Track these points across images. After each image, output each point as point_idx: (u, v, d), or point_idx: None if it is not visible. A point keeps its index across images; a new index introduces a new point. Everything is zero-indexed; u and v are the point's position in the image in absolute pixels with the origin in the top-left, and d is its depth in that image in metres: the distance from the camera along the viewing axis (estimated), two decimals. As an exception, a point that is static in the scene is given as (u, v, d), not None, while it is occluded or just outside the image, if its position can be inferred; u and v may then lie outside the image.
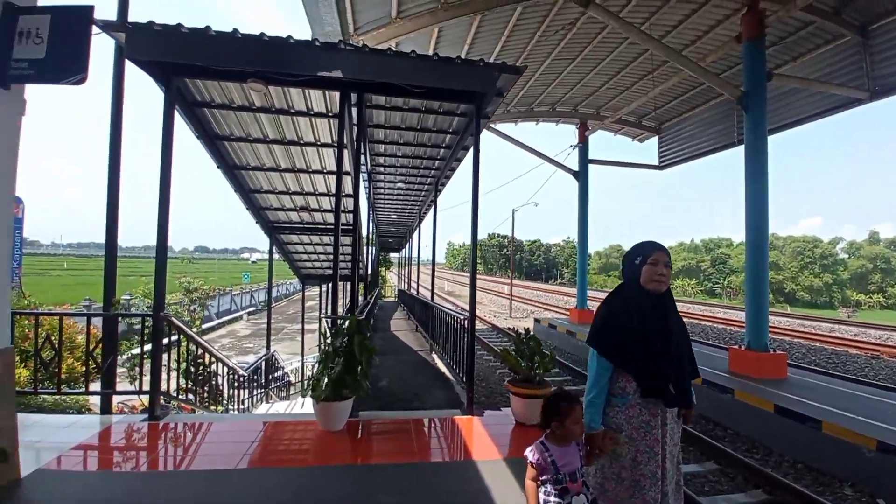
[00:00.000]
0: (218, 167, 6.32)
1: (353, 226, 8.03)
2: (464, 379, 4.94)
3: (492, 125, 15.59)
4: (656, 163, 16.55)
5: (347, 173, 4.91)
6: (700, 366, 8.68)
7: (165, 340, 5.05)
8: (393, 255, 38.33)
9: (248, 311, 31.10)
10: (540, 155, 16.47)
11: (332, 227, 9.25)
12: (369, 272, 15.74)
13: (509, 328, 17.67)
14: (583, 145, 15.81)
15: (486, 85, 4.23)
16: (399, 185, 10.07)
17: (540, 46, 11.10)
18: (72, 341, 5.90)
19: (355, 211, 5.54)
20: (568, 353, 13.17)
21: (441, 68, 4.12)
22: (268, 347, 8.95)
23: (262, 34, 3.89)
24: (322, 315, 7.54)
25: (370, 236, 13.15)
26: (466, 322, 4.98)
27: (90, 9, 2.79)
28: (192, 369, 4.99)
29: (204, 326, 22.27)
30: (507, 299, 26.24)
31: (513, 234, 26.90)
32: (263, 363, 7.86)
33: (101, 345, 4.27)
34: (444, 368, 6.81)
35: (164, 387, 4.73)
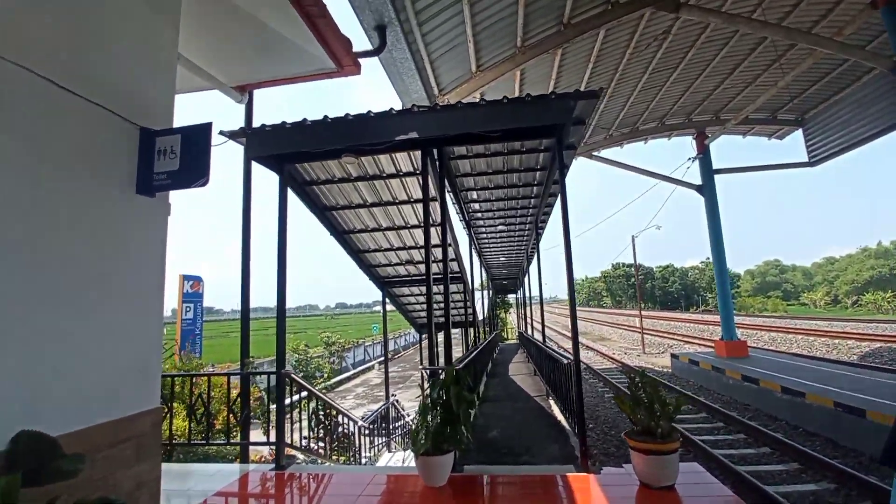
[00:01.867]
0: (331, 234, 7.07)
1: (459, 273, 8.17)
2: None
3: (595, 153, 14.97)
4: (805, 159, 14.03)
5: (437, 224, 5.09)
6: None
7: (297, 396, 5.61)
8: (512, 297, 38.02)
9: (379, 360, 33.24)
10: (653, 174, 15.20)
11: (437, 276, 9.58)
12: (483, 316, 15.74)
13: (639, 366, 15.92)
14: (703, 155, 14.18)
15: (562, 116, 4.10)
16: (500, 227, 10.09)
17: (633, 64, 10.53)
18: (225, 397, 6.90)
19: (447, 259, 5.65)
20: (716, 395, 11.24)
21: (513, 109, 4.12)
22: (387, 397, 9.33)
23: (347, 115, 4.36)
24: (420, 366, 7.64)
25: (482, 281, 13.28)
26: (572, 365, 4.59)
27: (209, 125, 3.45)
28: (315, 421, 5.39)
29: (341, 377, 24.30)
30: (639, 333, 23.78)
31: (635, 260, 24.77)
32: (382, 412, 8.19)
33: (238, 400, 4.87)
34: (560, 417, 6.31)
35: (294, 438, 5.20)
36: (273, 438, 4.67)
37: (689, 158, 14.63)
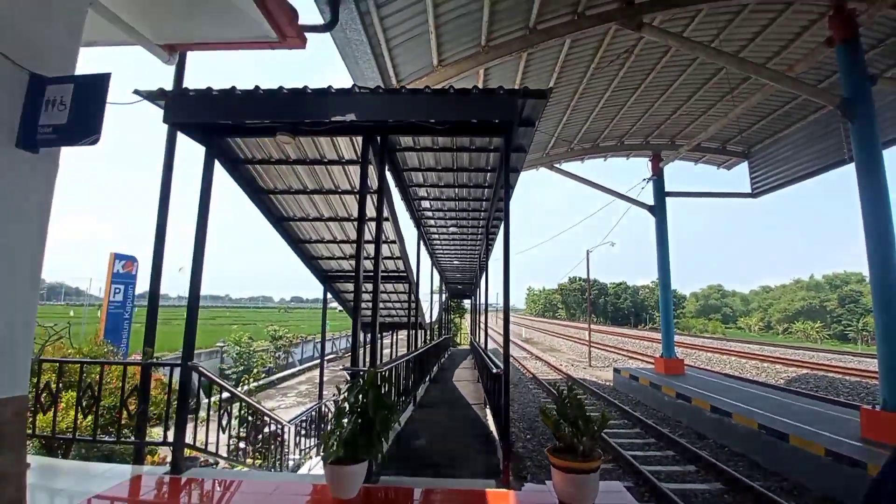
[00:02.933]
0: (268, 220, 6.62)
1: (404, 273, 7.89)
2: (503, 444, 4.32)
3: (557, 165, 15.14)
4: (748, 190, 14.77)
5: (373, 219, 4.80)
6: (822, 430, 6.98)
7: (224, 394, 5.12)
8: (469, 302, 38.05)
9: (327, 357, 32.46)
10: (610, 192, 15.55)
11: (390, 274, 9.27)
12: (431, 319, 15.52)
13: (583, 379, 16.21)
14: (657, 178, 14.65)
15: (510, 113, 3.92)
16: (452, 229, 9.91)
17: (597, 79, 10.67)
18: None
19: (379, 256, 5.37)
20: (652, 410, 11.52)
21: (458, 101, 3.91)
22: (320, 397, 8.90)
23: (281, 88, 4.01)
24: (342, 367, 7.31)
25: (436, 284, 13.05)
26: (501, 376, 4.42)
27: (107, 76, 3.01)
28: (227, 421, 4.94)
29: (286, 373, 23.34)
30: (587, 346, 24.33)
31: (588, 274, 25.36)
32: (313, 414, 7.77)
33: (133, 393, 4.37)
34: (493, 427, 6.15)
35: (212, 440, 4.74)
36: (172, 439, 4.20)
37: (644, 179, 15.09)
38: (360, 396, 3.81)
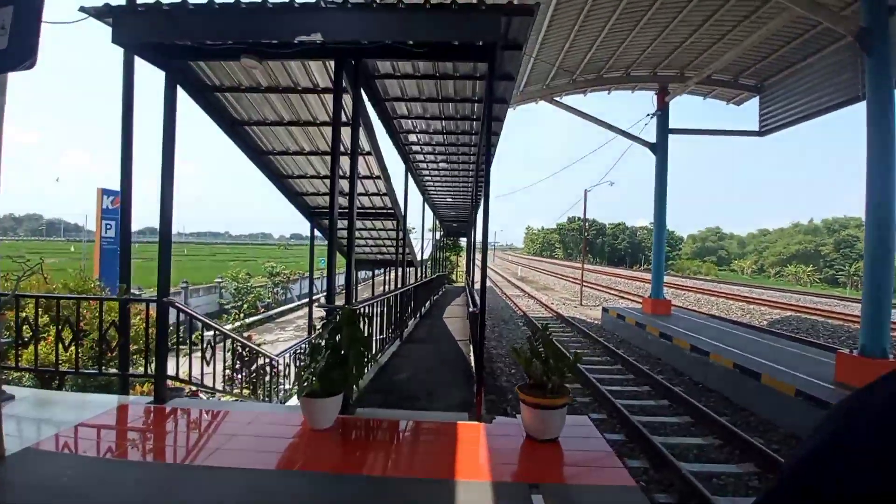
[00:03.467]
0: (246, 155, 6.35)
1: (391, 209, 7.73)
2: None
3: (557, 98, 14.40)
4: (756, 128, 14.19)
5: (346, 153, 4.56)
6: (796, 371, 7.20)
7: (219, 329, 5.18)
8: (466, 241, 38.12)
9: (325, 293, 33.36)
10: (612, 128, 14.94)
11: (377, 211, 9.13)
12: (422, 258, 15.58)
13: (572, 317, 16.63)
14: (661, 113, 14.01)
15: (492, 33, 3.57)
16: (442, 164, 9.62)
17: (604, 1, 9.82)
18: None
19: (354, 192, 5.21)
20: (635, 348, 11.91)
21: (434, 18, 3.54)
22: (309, 332, 9.11)
23: (238, 1, 3.61)
24: (317, 304, 7.38)
25: (430, 222, 12.94)
26: (478, 315, 4.43)
27: (39, -8, 2.67)
28: (210, 354, 5.03)
29: (285, 307, 23.86)
30: (580, 285, 24.75)
31: (585, 214, 25.15)
32: (302, 347, 7.98)
33: (112, 327, 4.40)
34: (474, 363, 6.33)
35: (195, 372, 4.86)
36: (174, 373, 4.31)
37: (648, 114, 14.43)
38: (335, 333, 3.83)
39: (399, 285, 9.02)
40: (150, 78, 4.13)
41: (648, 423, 6.41)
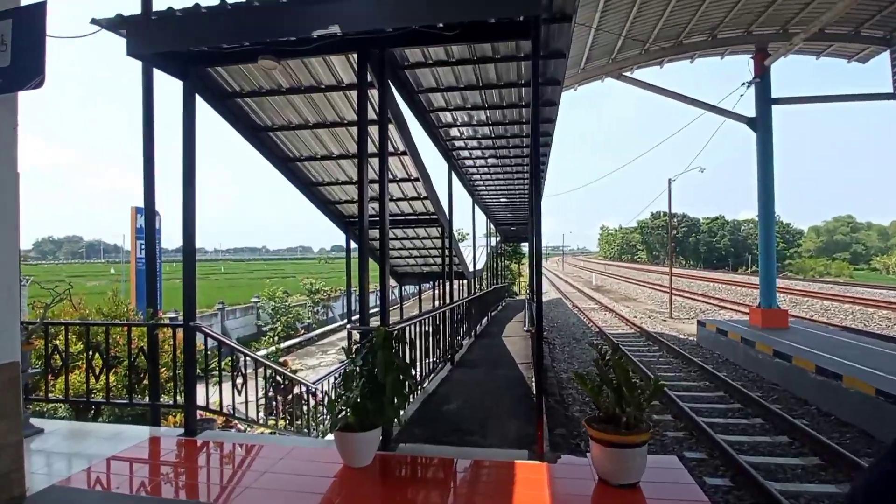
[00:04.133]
0: (271, 163, 6.70)
1: (434, 215, 7.85)
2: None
3: (626, 73, 13.98)
4: (890, 89, 12.95)
5: (375, 154, 4.67)
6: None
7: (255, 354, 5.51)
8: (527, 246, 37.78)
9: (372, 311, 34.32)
10: (697, 103, 14.25)
11: (418, 217, 9.29)
12: (474, 268, 15.57)
13: (659, 333, 15.83)
14: (760, 80, 13.14)
15: (532, 5, 3.54)
16: (491, 160, 9.62)
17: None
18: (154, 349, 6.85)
19: (385, 198, 5.31)
20: (741, 371, 11.12)
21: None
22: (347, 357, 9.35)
23: (252, 0, 3.85)
24: (349, 325, 7.52)
25: (481, 225, 12.99)
26: (534, 331, 4.34)
27: (42, 4, 2.99)
28: (242, 382, 5.31)
29: (328, 328, 24.72)
30: (668, 294, 23.63)
31: (670, 208, 24.07)
32: (339, 375, 8.22)
33: (140, 355, 4.76)
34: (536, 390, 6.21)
35: (227, 402, 5.16)
36: (183, 401, 4.60)
37: (744, 83, 13.61)
38: (369, 358, 3.91)
39: (448, 301, 9.06)
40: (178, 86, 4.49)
41: (762, 465, 5.95)
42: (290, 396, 7.48)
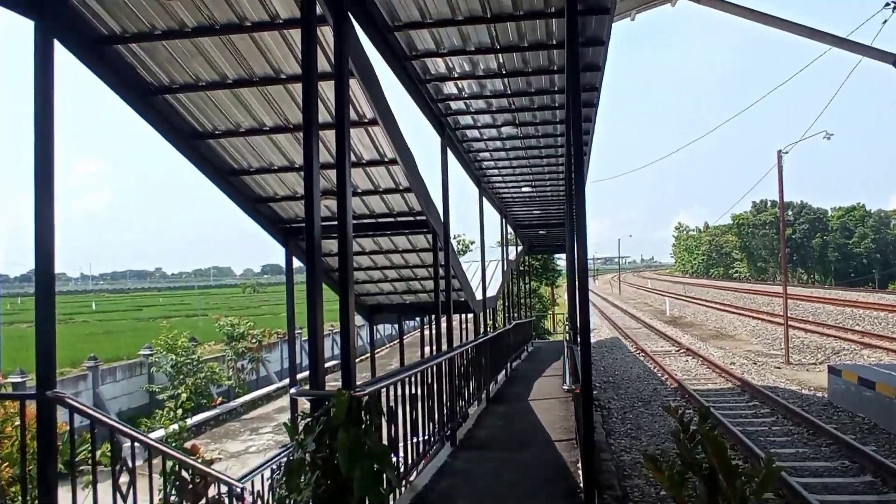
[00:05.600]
0: (169, 141, 6.76)
1: (422, 216, 7.96)
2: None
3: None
4: None
5: (329, 125, 4.70)
6: None
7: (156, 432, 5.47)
8: (563, 260, 37.91)
9: (330, 365, 33.82)
10: (817, 35, 14.45)
11: (396, 219, 9.35)
12: (487, 294, 15.60)
13: (768, 386, 15.78)
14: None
15: None
16: (506, 129, 9.76)
17: None
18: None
19: (347, 194, 5.39)
20: (902, 441, 11.15)
21: None
22: (292, 436, 9.31)
23: None
24: (292, 390, 7.53)
25: (494, 228, 13.11)
26: (576, 391, 4.35)
27: None
28: (127, 481, 5.27)
29: (259, 393, 24.61)
30: (782, 326, 23.65)
31: (781, 192, 24.11)
32: (277, 465, 8.15)
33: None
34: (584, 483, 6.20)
35: None
36: None
37: (889, 3, 13.84)
38: (325, 439, 3.90)
39: (445, 347, 9.07)
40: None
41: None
42: (204, 502, 7.43)
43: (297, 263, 9.29)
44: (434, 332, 9.77)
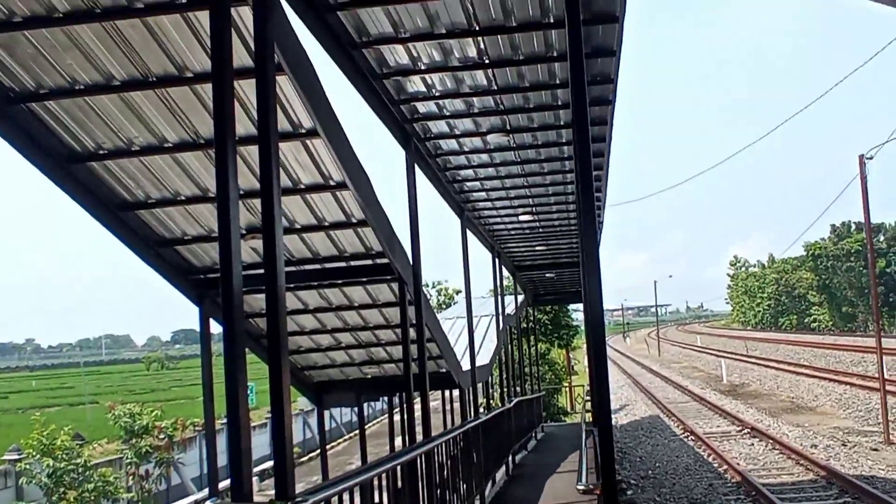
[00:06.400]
0: (37, 165, 6.74)
1: (385, 260, 7.99)
2: None
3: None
4: None
5: (248, 139, 4.71)
6: None
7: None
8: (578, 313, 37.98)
9: (261, 468, 32.81)
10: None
11: (349, 264, 9.33)
12: (476, 363, 15.53)
13: (865, 475, 15.62)
14: None
15: None
16: (508, 159, 9.91)
17: None
18: None
19: (275, 228, 5.38)
20: None
21: None
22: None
23: None
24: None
25: (495, 279, 13.16)
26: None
27: None
28: None
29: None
30: (879, 393, 23.68)
31: (867, 215, 24.44)
32: None
33: None
34: None
35: None
36: None
37: None
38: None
39: (419, 439, 9.00)
40: None
41: None
42: None
43: (217, 327, 9.22)
44: (406, 416, 9.69)
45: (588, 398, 20.14)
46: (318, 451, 20.02)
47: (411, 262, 9.08)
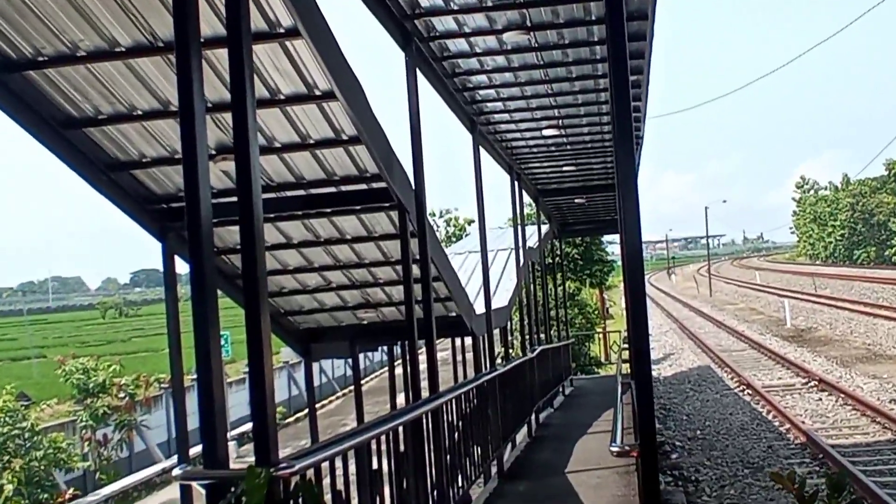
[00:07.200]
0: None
1: (383, 184, 8.03)
2: None
3: None
4: None
5: (215, 40, 4.68)
6: None
7: None
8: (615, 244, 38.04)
9: (239, 430, 33.18)
10: None
11: (339, 188, 9.31)
12: (492, 305, 15.56)
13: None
14: None
15: None
16: (527, 62, 9.82)
17: None
18: None
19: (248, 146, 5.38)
20: None
21: None
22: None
23: None
24: (181, 470, 7.52)
25: (497, 200, 13.18)
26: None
27: None
28: None
29: (130, 481, 24.47)
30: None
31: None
32: None
33: None
34: None
35: None
36: None
37: None
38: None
39: (425, 395, 9.08)
40: None
41: None
42: None
43: (183, 266, 9.25)
44: (409, 369, 9.74)
45: (625, 346, 20.13)
46: (306, 410, 20.18)
47: (413, 187, 9.07)
